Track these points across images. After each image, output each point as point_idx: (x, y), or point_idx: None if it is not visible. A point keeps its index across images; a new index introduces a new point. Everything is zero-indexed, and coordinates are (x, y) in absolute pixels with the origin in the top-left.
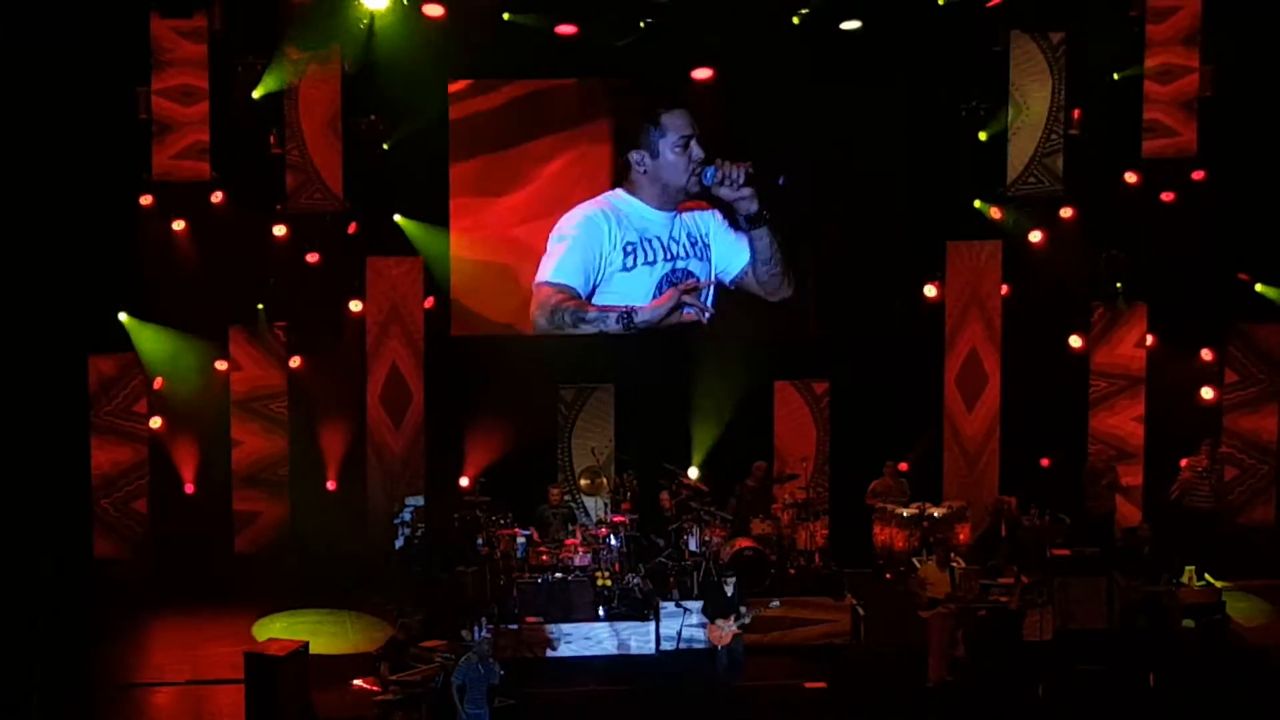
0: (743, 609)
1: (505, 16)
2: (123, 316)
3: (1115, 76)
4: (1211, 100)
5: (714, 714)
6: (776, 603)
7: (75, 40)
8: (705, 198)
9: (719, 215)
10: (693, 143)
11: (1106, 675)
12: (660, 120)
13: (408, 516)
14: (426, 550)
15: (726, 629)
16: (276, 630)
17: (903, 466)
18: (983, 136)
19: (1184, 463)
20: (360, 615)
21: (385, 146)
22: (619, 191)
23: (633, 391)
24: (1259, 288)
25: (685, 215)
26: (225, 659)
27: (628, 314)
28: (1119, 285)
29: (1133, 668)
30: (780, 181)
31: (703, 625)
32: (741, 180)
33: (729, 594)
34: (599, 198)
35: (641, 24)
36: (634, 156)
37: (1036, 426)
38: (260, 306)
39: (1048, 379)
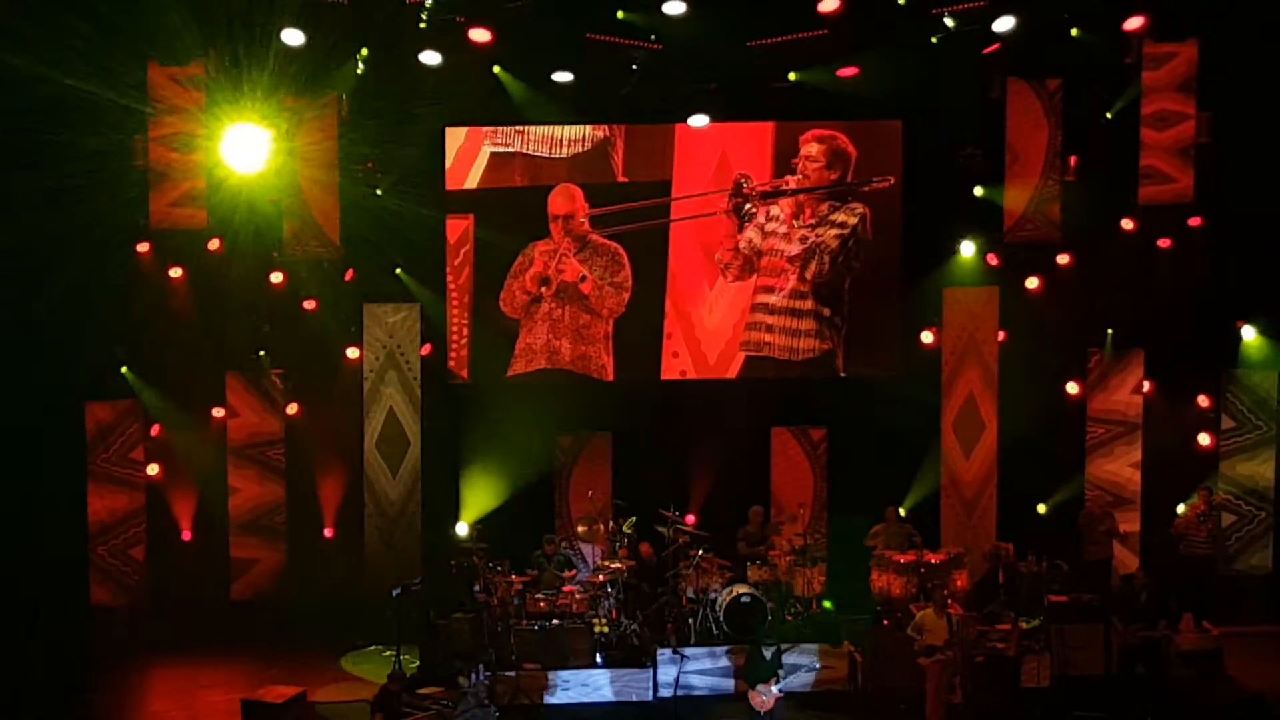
0: (781, 672)
1: (496, 70)
2: (125, 370)
3: (1109, 115)
4: (1208, 147)
5: None
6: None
7: (74, 88)
8: None
9: None
10: None
11: None
12: None
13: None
14: (423, 597)
15: (768, 694)
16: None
17: (902, 511)
18: (979, 192)
19: (1181, 508)
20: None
21: (378, 192)
22: None
23: (630, 438)
24: (1247, 341)
25: None
26: (223, 706)
27: None
28: (1109, 331)
29: (1131, 713)
30: None
31: (744, 693)
32: None
33: (768, 657)
34: None
35: (634, 66)
36: None
37: (1034, 473)
38: (262, 352)
39: (1045, 425)
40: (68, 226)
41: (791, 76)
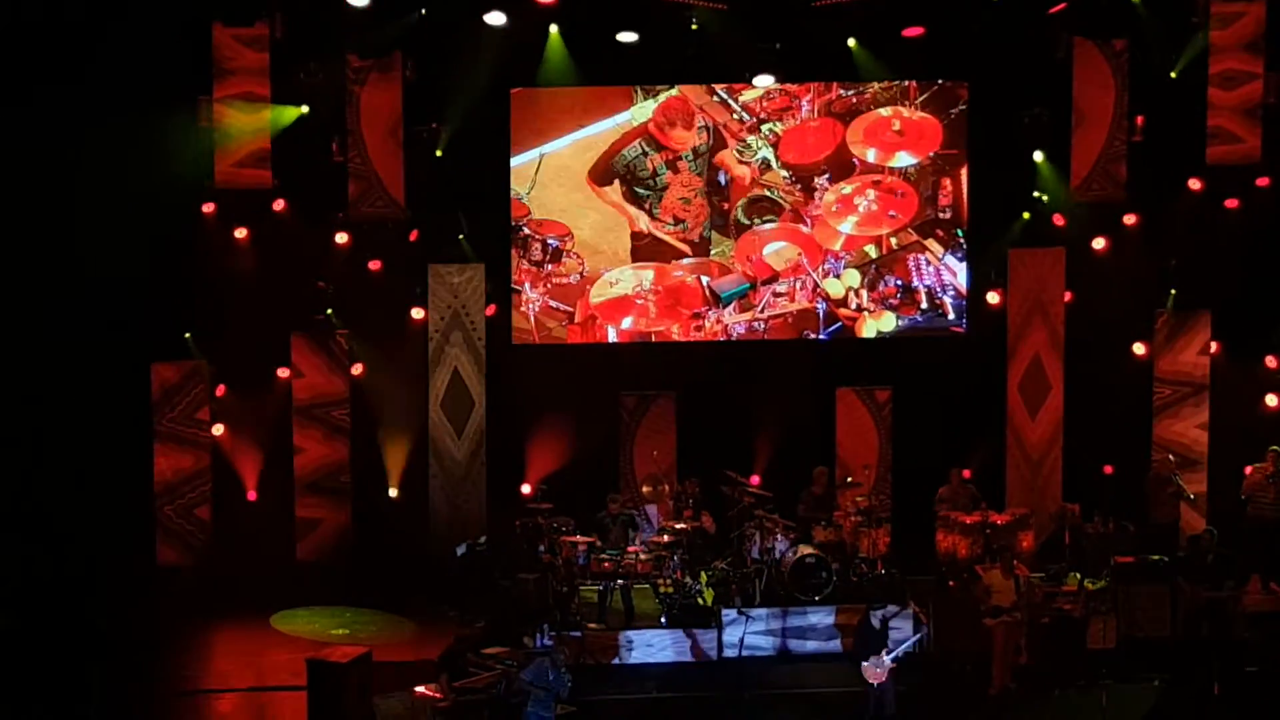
0: (891, 643)
1: (553, 30)
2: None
3: (1173, 75)
4: (1275, 107)
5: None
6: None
7: (139, 49)
8: None
9: None
10: None
11: (1170, 684)
12: None
13: (462, 551)
14: (488, 558)
15: (881, 666)
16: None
17: (966, 474)
18: (1039, 158)
19: (1249, 470)
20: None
21: (439, 154)
22: None
23: (695, 399)
24: None
25: None
26: (288, 666)
27: None
28: (1173, 291)
29: (1196, 676)
30: None
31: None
32: None
33: (876, 627)
34: None
35: (694, 25)
36: None
37: (1100, 434)
38: (329, 310)
39: (1111, 386)
40: (134, 187)
41: (851, 44)
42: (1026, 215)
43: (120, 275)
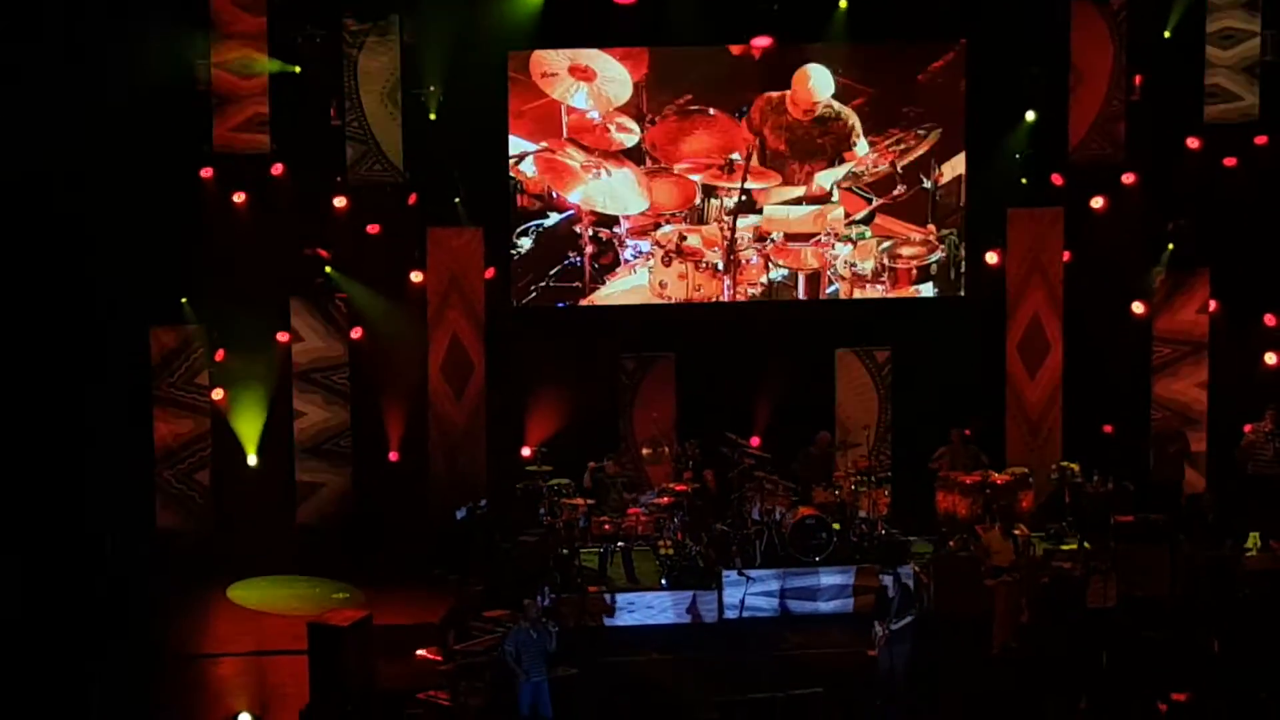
0: (910, 615)
1: None
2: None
3: (1166, 34)
4: (1273, 65)
5: (777, 682)
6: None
7: (135, 12)
8: None
9: None
10: None
11: (1170, 642)
12: None
13: (463, 514)
14: (489, 520)
15: (881, 631)
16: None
17: (968, 432)
18: (1030, 116)
19: (1248, 428)
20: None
21: (432, 117)
22: None
23: (694, 360)
24: None
25: None
26: (288, 630)
27: None
28: (1169, 246)
29: (1197, 634)
30: None
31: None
32: None
33: (889, 593)
34: None
35: None
36: None
37: (1099, 393)
38: (329, 270)
39: (1110, 345)
40: (131, 152)
41: (841, 4)
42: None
43: (120, 240)
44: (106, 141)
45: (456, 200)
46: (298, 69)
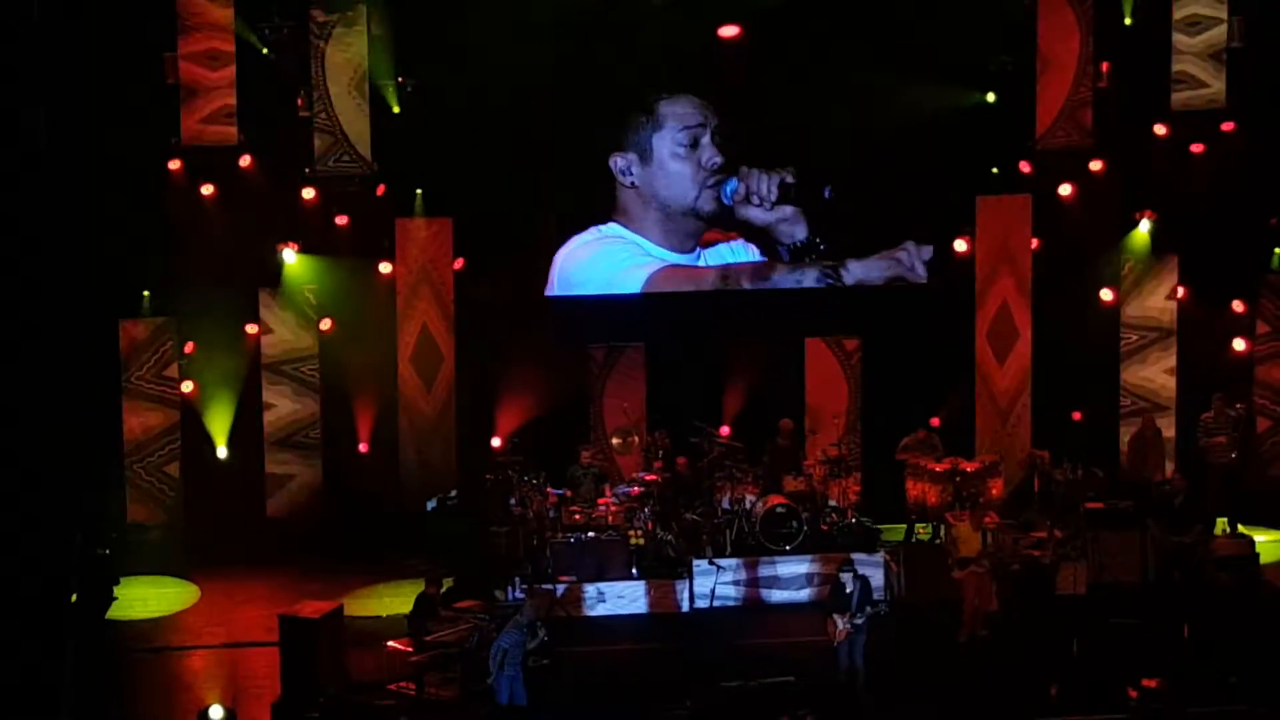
0: (869, 608)
1: None
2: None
3: (1127, 21)
4: (1240, 51)
5: (747, 671)
6: (884, 605)
7: (102, 5)
8: (727, 223)
9: (753, 249)
10: (705, 137)
11: (1140, 628)
12: (656, 109)
13: (433, 505)
14: (459, 511)
15: (842, 625)
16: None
17: (934, 422)
18: (990, 98)
19: (1205, 417)
20: None
21: (395, 110)
22: (612, 225)
23: (664, 350)
24: None
25: (710, 251)
26: (260, 622)
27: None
28: (1142, 223)
29: (1167, 620)
30: (826, 193)
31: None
32: (775, 195)
33: (847, 589)
34: (586, 236)
35: None
36: (617, 163)
37: (1068, 380)
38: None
39: (1079, 332)
40: (99, 144)
41: None
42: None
43: (88, 233)
44: (74, 133)
45: (419, 191)
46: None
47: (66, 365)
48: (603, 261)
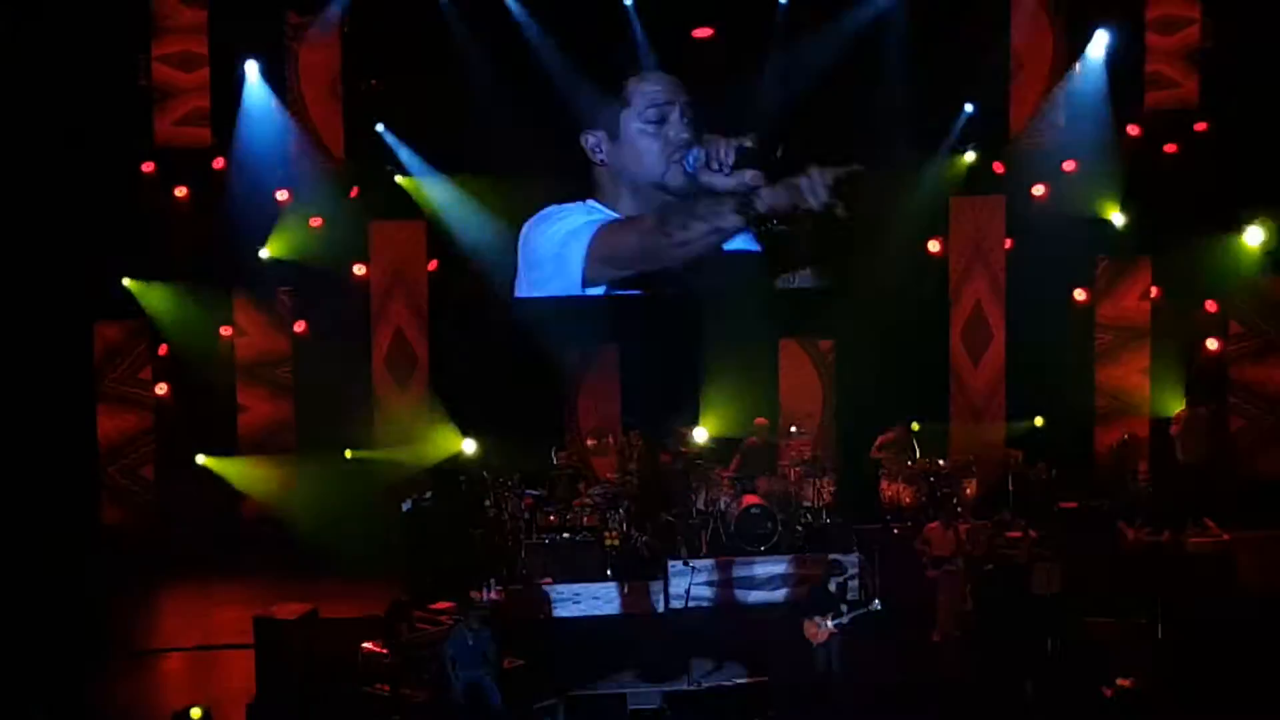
0: (844, 608)
1: None
2: (127, 282)
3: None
4: (1213, 51)
5: (725, 670)
6: (878, 604)
7: (75, 8)
8: (693, 193)
9: None
10: (673, 114)
11: (1115, 628)
12: (625, 88)
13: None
14: (434, 513)
15: (824, 627)
16: None
17: (915, 426)
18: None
19: (1175, 415)
20: None
21: (379, 128)
22: (590, 203)
23: (638, 351)
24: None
25: None
26: (235, 624)
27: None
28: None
29: (1141, 620)
30: (779, 153)
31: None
32: (733, 159)
33: (831, 590)
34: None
35: None
36: (587, 140)
37: (1042, 380)
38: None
39: (1053, 333)
40: (71, 147)
41: None
42: (966, 160)
43: (61, 236)
44: (47, 137)
45: (397, 178)
46: None
47: (39, 368)
48: (556, 220)
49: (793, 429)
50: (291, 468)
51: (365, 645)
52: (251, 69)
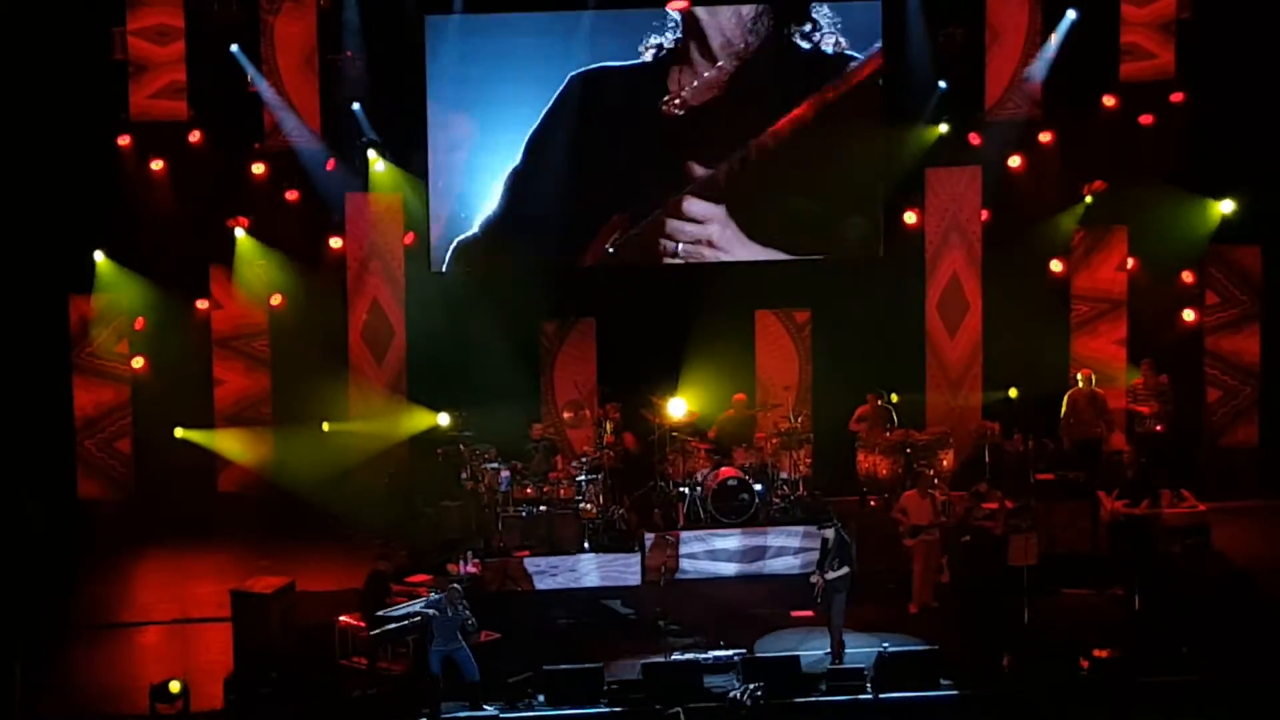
0: (847, 566)
1: None
2: (98, 257)
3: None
4: (1189, 22)
5: (705, 642)
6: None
7: None
8: None
9: None
10: None
11: (1091, 599)
12: None
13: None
14: (411, 486)
15: (816, 578)
16: None
17: (895, 398)
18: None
19: (1133, 383)
20: None
21: (355, 106)
22: None
23: (614, 324)
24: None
25: None
26: (212, 597)
27: None
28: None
29: (1118, 591)
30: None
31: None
32: None
33: (828, 546)
34: None
35: None
36: None
37: (1019, 351)
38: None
39: (1029, 304)
40: (46, 121)
41: None
42: (939, 131)
43: (36, 208)
44: (22, 110)
45: (369, 151)
46: None
47: (14, 341)
48: None
49: (769, 401)
50: (268, 440)
51: (342, 618)
52: None
